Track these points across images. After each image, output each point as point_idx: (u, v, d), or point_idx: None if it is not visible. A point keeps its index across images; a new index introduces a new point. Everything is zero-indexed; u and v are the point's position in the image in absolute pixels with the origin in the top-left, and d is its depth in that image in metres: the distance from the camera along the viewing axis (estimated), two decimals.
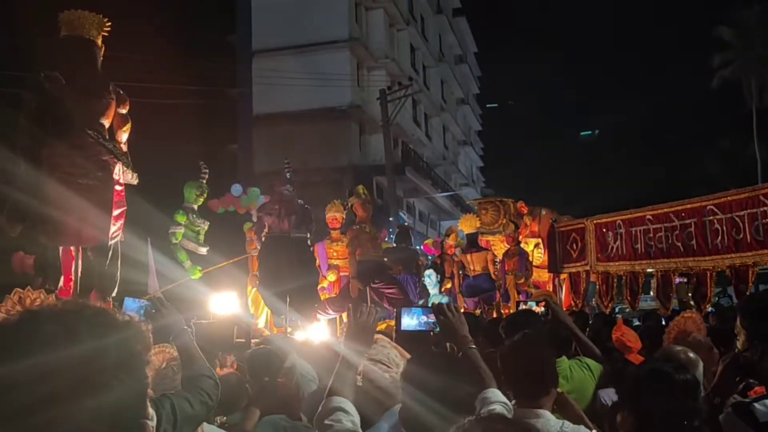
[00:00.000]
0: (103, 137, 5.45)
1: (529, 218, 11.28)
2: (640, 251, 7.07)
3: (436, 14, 39.65)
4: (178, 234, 8.86)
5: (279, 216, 8.61)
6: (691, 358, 3.15)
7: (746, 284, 6.39)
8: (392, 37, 32.02)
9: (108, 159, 5.42)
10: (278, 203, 8.78)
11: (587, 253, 7.81)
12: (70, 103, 5.24)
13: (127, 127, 5.76)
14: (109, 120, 5.61)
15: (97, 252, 5.45)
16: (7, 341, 1.09)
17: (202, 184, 9.20)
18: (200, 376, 2.37)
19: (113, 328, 1.15)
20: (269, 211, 8.76)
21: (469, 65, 48.53)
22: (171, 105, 19.23)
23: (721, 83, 35.12)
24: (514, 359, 2.71)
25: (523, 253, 11.11)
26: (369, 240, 9.40)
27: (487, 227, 11.81)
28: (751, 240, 6.13)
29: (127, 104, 5.76)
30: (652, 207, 7.07)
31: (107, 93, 5.55)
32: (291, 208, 8.71)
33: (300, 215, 8.77)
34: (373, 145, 29.01)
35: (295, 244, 8.62)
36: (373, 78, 29.26)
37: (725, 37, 34.63)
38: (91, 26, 5.55)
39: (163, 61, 19.45)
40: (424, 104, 36.33)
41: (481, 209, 12.10)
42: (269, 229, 8.73)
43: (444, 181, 37.00)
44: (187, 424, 2.11)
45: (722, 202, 6.33)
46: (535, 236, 11.14)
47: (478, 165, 54.46)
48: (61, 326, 1.10)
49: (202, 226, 9.15)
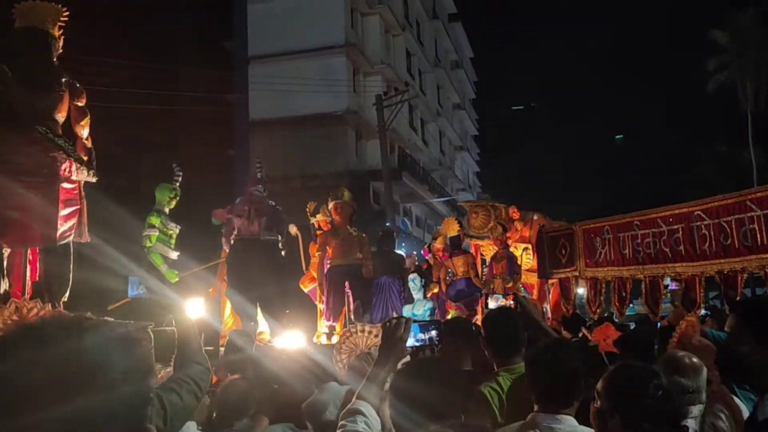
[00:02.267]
0: (54, 132, 5.21)
1: (521, 223, 11.08)
2: (628, 257, 7.08)
3: (431, 20, 39.75)
4: (153, 237, 8.49)
5: (248, 218, 8.24)
6: (695, 363, 3.12)
7: (735, 290, 6.40)
8: (388, 42, 32.10)
9: (56, 155, 5.16)
10: (248, 204, 8.38)
11: (576, 258, 7.83)
12: (17, 97, 5.05)
13: (85, 121, 5.50)
14: (62, 114, 5.38)
15: (46, 253, 5.23)
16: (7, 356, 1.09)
17: (175, 186, 8.80)
18: (190, 362, 2.29)
19: (116, 339, 1.17)
20: (238, 212, 8.36)
21: (465, 70, 48.59)
22: (168, 111, 19.27)
23: (716, 87, 35.23)
24: (542, 366, 2.70)
25: (512, 257, 10.88)
26: (341, 244, 9.00)
27: (477, 231, 11.55)
28: (739, 246, 6.13)
29: (84, 97, 5.51)
30: (639, 212, 7.07)
31: (59, 86, 5.31)
32: (261, 210, 8.33)
33: (271, 217, 8.39)
34: (369, 150, 29.06)
35: (265, 248, 8.22)
36: (369, 83, 29.31)
37: (720, 41, 34.73)
38: (46, 16, 5.32)
39: (160, 67, 19.50)
40: (420, 109, 36.39)
41: (472, 212, 11.81)
42: (238, 231, 8.31)
43: (441, 186, 37.05)
44: (178, 417, 2.06)
45: (709, 208, 6.34)
46: (525, 241, 10.95)
47: (475, 170, 54.52)
48: (63, 338, 1.11)
49: (174, 229, 8.75)
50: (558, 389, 2.62)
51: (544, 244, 8.64)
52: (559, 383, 2.62)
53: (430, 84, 39.32)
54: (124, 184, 8.88)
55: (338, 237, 9.02)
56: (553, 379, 2.63)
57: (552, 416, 2.56)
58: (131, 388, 1.13)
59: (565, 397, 2.60)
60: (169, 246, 8.61)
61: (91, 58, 17.41)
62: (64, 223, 5.22)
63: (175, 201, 8.73)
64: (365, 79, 29.80)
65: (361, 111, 28.54)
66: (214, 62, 26.14)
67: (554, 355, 2.73)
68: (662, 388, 2.31)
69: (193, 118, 21.21)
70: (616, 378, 2.43)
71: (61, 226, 5.17)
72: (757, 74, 34.07)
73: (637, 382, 2.37)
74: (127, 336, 1.19)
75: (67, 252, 5.30)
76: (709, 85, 35.19)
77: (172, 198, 8.69)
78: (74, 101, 5.45)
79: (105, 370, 1.11)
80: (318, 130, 26.89)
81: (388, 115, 23.24)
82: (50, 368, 1.07)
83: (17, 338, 1.12)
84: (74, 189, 5.35)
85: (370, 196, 28.79)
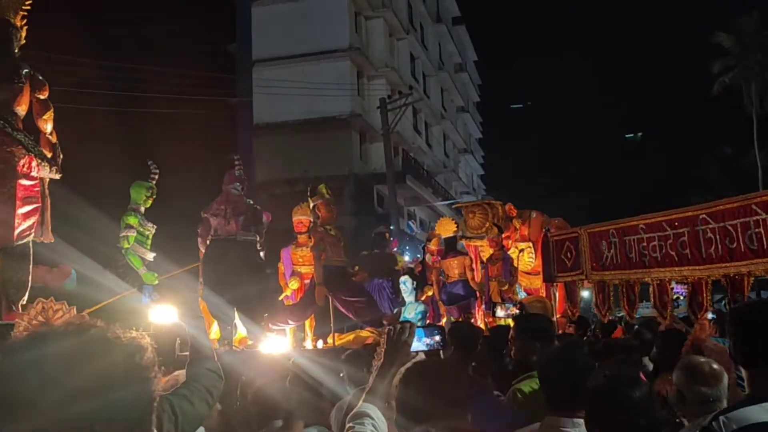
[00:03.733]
0: (12, 126, 4.96)
1: (519, 221, 10.78)
2: (634, 260, 7.05)
3: (435, 23, 39.80)
4: (131, 238, 8.11)
5: (225, 217, 7.92)
6: (715, 370, 3.00)
7: (742, 293, 6.37)
8: (392, 46, 32.13)
9: (13, 150, 4.90)
10: (224, 203, 8.04)
11: (582, 262, 7.80)
12: None
13: (48, 115, 5.25)
14: (23, 107, 5.12)
15: (2, 253, 4.95)
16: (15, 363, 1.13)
17: (152, 185, 8.45)
18: (202, 370, 2.34)
19: (120, 346, 1.20)
20: (215, 211, 8.03)
21: (469, 73, 48.66)
22: (172, 114, 19.30)
23: (721, 90, 35.15)
24: (554, 367, 2.75)
25: (507, 258, 10.59)
26: (333, 244, 8.48)
27: (474, 231, 11.20)
28: (745, 249, 6.08)
29: (46, 89, 5.24)
30: (644, 216, 7.04)
31: (18, 77, 5.04)
32: (239, 209, 8.01)
33: (249, 216, 8.07)
34: (373, 153, 29.08)
35: (242, 248, 7.89)
36: (373, 87, 29.35)
37: (724, 44, 34.67)
38: (8, 5, 5.10)
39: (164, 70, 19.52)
40: (424, 113, 36.41)
41: (468, 213, 11.44)
42: (215, 231, 7.99)
43: (445, 189, 37.04)
44: (189, 423, 2.09)
45: (715, 211, 6.29)
46: (525, 240, 10.64)
47: (479, 173, 54.52)
48: (68, 347, 1.15)
49: (151, 230, 8.41)
50: (568, 390, 2.61)
51: (550, 247, 8.61)
52: (568, 384, 2.62)
53: (434, 87, 39.35)
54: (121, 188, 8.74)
55: (329, 236, 8.58)
56: (563, 380, 2.64)
57: (570, 420, 2.56)
58: (132, 392, 1.17)
59: (580, 397, 2.51)
60: (145, 247, 8.31)
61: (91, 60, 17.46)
62: (23, 222, 4.95)
63: (151, 200, 8.43)
64: (369, 83, 29.84)
65: (365, 114, 28.56)
66: (218, 66, 26.20)
67: (563, 358, 2.76)
68: (630, 400, 2.28)
69: (197, 122, 21.22)
70: (591, 390, 2.43)
71: (19, 225, 4.91)
72: (762, 77, 33.98)
73: (607, 393, 2.36)
74: (130, 342, 1.22)
75: (25, 253, 5.01)
76: (714, 87, 35.11)
77: (149, 197, 8.41)
78: (36, 94, 5.18)
79: (106, 374, 1.14)
80: (322, 134, 26.91)
81: (392, 119, 23.26)
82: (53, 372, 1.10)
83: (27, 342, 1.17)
84: (35, 186, 5.08)
85: (374, 199, 28.80)
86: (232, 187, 8.20)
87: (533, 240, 10.32)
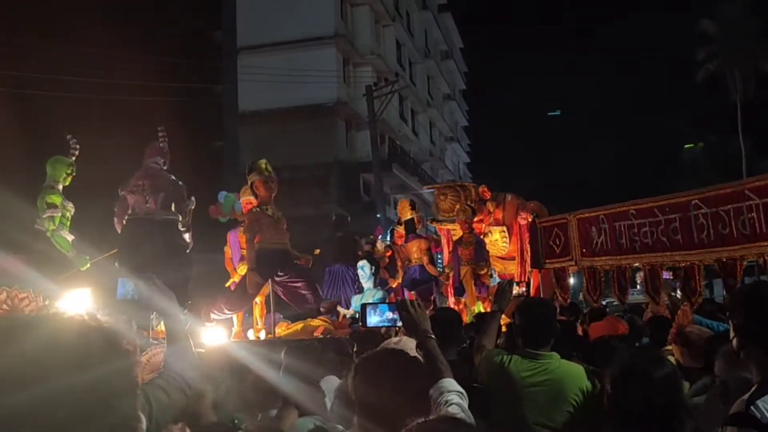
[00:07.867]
0: None
1: (493, 204, 10.18)
2: (625, 246, 7.00)
3: (421, 10, 39.60)
4: (57, 218, 7.34)
5: (143, 194, 7.15)
6: None
7: (734, 278, 6.35)
8: (378, 33, 31.95)
9: None
10: (142, 179, 7.23)
11: (571, 248, 7.75)
12: None
13: None
14: None
15: None
16: None
17: (72, 161, 7.70)
18: (181, 359, 2.25)
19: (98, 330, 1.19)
20: (132, 188, 7.22)
21: (455, 61, 48.52)
22: (156, 102, 19.05)
23: (706, 77, 35.28)
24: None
25: (480, 241, 10.08)
26: (271, 224, 7.64)
27: (446, 215, 10.73)
28: (737, 234, 6.07)
29: None
30: (635, 201, 6.97)
31: None
32: (159, 185, 7.24)
33: (170, 193, 7.31)
34: (359, 141, 28.96)
35: (161, 229, 7.14)
36: (359, 74, 29.19)
37: (709, 31, 34.77)
38: None
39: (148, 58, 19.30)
40: (410, 100, 36.31)
41: (440, 195, 10.97)
42: (132, 210, 7.21)
43: (431, 177, 36.96)
44: (164, 414, 2.04)
45: (707, 197, 6.24)
46: (499, 224, 10.05)
47: (465, 161, 54.53)
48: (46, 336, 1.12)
49: (71, 209, 7.65)
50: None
51: (538, 233, 8.54)
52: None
53: (421, 75, 39.21)
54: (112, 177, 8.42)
55: (266, 217, 7.70)
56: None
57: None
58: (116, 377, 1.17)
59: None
60: (66, 227, 7.56)
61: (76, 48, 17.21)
62: None
63: (70, 178, 7.70)
64: (355, 70, 29.67)
65: (351, 102, 28.41)
66: (202, 53, 25.96)
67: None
68: (651, 379, 2.31)
69: (181, 109, 20.99)
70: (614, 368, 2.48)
71: None
72: (746, 64, 34.14)
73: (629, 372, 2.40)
74: (108, 329, 1.21)
75: None
76: (699, 74, 35.24)
77: (69, 174, 7.65)
78: None
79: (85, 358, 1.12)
80: (308, 121, 26.74)
81: (378, 106, 23.13)
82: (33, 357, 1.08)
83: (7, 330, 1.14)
84: None
85: (360, 187, 28.72)
86: (152, 161, 7.44)
87: (508, 224, 9.86)
